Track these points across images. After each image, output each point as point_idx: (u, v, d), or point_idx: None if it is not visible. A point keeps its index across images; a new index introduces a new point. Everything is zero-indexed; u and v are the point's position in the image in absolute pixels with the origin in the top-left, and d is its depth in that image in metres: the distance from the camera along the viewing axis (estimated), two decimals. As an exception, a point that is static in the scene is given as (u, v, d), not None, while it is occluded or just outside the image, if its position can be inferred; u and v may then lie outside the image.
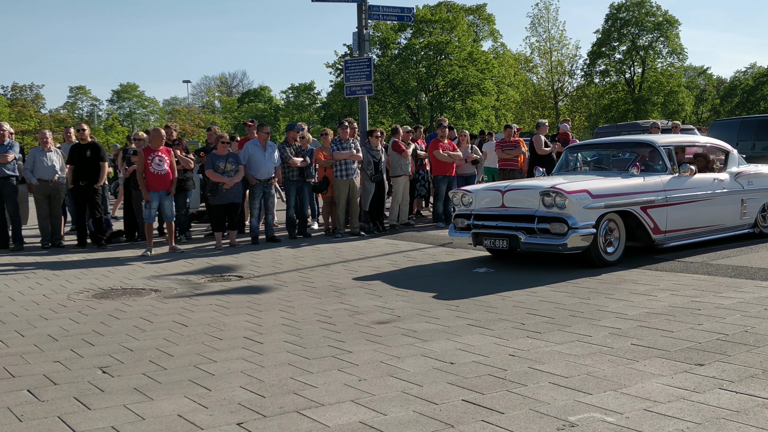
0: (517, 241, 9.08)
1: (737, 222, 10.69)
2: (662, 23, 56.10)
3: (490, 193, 9.76)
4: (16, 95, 65.80)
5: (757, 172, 11.12)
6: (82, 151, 12.44)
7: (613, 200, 9.06)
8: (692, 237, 10.06)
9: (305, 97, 79.02)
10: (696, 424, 3.89)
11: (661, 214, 9.50)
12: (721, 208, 10.38)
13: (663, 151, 10.00)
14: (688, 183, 9.91)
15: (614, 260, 9.14)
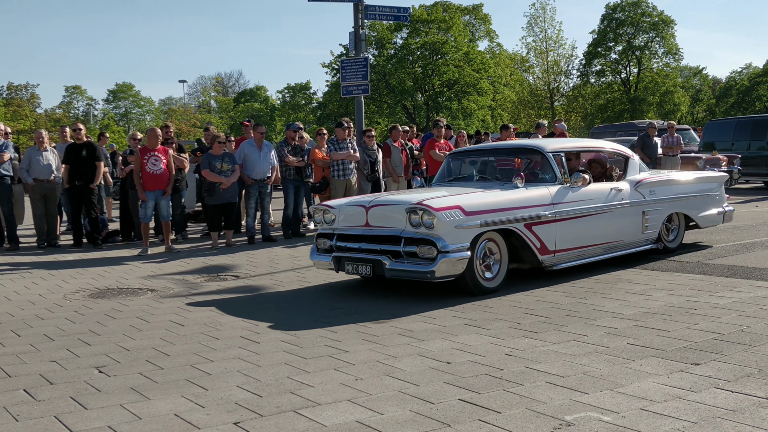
0: (381, 267, 7.60)
1: (638, 237, 9.37)
2: (658, 23, 56.15)
3: (353, 210, 8.20)
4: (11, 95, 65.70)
5: (660, 180, 9.90)
6: (78, 150, 12.42)
7: (491, 217, 7.72)
8: (586, 256, 8.77)
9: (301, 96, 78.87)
10: (692, 423, 3.90)
11: (549, 231, 8.22)
12: (619, 221, 9.10)
13: (551, 158, 8.69)
14: (580, 194, 8.62)
15: (494, 287, 7.83)
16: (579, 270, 8.89)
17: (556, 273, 8.74)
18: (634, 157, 9.88)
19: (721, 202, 10.73)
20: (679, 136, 18.89)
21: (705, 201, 10.45)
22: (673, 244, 10.03)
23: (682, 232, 10.22)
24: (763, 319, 6.16)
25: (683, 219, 10.18)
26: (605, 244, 8.97)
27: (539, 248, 8.14)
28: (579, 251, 8.65)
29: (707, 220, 10.49)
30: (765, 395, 4.29)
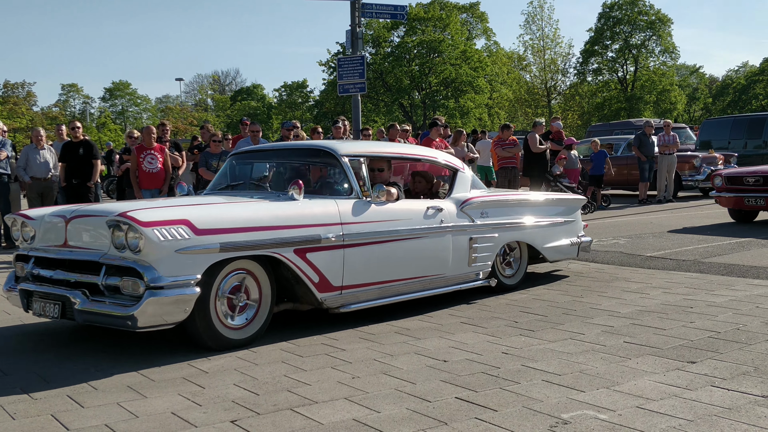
0: (71, 308, 5.50)
1: (463, 270, 7.33)
2: (655, 22, 56.21)
3: (52, 222, 6.01)
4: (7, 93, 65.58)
5: (495, 200, 7.85)
6: (75, 149, 12.40)
7: (238, 237, 5.58)
8: (391, 294, 6.75)
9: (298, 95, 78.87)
10: (688, 421, 3.91)
11: (334, 259, 6.16)
12: (436, 250, 7.06)
13: (347, 164, 6.63)
14: (383, 212, 6.61)
15: (247, 337, 5.76)
16: (577, 269, 8.90)
17: (555, 273, 8.74)
18: (465, 170, 7.96)
19: (575, 231, 8.64)
20: (675, 134, 18.92)
21: (555, 229, 8.36)
22: (511, 281, 7.97)
23: (524, 265, 8.16)
24: (759, 317, 6.18)
25: (526, 250, 8.17)
26: (417, 278, 6.94)
27: (318, 283, 6.06)
28: (380, 288, 6.61)
29: (556, 252, 8.42)
30: (761, 393, 4.30)
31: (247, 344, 5.70)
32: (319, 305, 6.21)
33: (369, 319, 6.59)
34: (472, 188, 7.83)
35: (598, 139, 19.64)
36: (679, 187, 19.16)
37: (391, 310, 6.98)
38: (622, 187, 20.69)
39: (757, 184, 12.83)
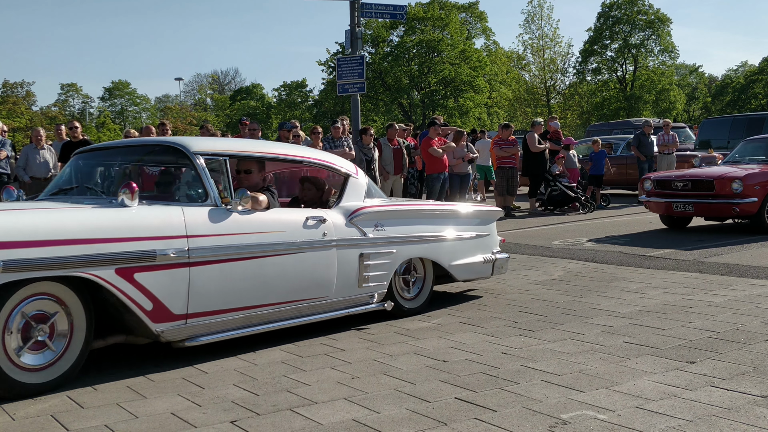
0: None
1: (351, 292, 6.28)
2: (654, 21, 56.19)
3: None
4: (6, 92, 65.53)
5: (393, 211, 6.77)
6: (74, 149, 12.38)
7: (35, 253, 4.46)
8: (255, 323, 5.63)
9: (297, 94, 78.85)
10: (687, 421, 3.92)
11: (175, 281, 5.07)
12: (315, 269, 5.95)
13: (200, 164, 5.56)
14: (247, 223, 5.50)
15: (47, 382, 4.66)
16: (577, 269, 8.90)
17: (551, 271, 8.74)
18: (359, 175, 6.87)
19: (489, 246, 7.63)
20: (674, 134, 18.93)
21: (465, 244, 7.34)
22: (413, 303, 6.91)
23: (428, 286, 7.06)
24: (759, 317, 6.18)
25: (431, 268, 7.09)
26: (292, 303, 5.83)
27: (151, 311, 4.95)
28: (242, 315, 5.51)
29: (466, 271, 7.38)
30: (760, 393, 4.31)
31: (52, 389, 4.62)
32: (156, 338, 5.09)
33: (369, 320, 6.59)
34: (368, 197, 6.77)
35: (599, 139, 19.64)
36: (678, 186, 19.14)
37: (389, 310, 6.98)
38: (621, 186, 20.70)
39: (685, 189, 12.09)
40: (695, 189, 11.88)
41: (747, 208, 11.33)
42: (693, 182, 11.97)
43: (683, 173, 12.71)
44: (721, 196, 11.51)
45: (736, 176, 11.52)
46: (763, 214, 11.43)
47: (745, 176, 11.48)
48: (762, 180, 11.55)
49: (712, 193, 11.63)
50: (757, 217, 11.45)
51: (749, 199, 11.29)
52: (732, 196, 11.38)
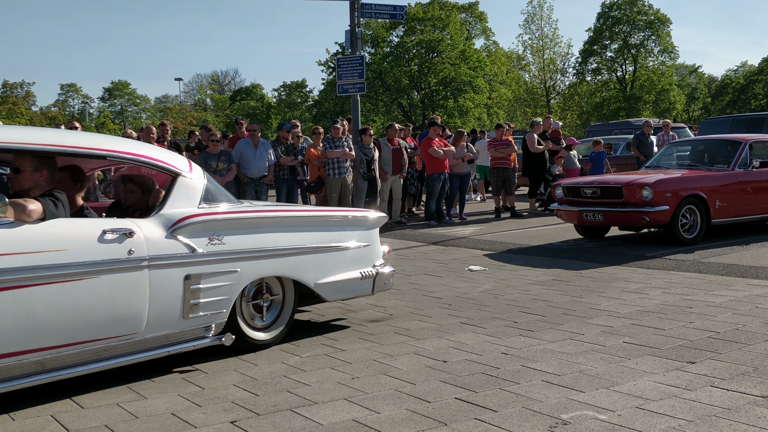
0: None
1: (174, 326, 5.01)
2: (654, 21, 56.18)
3: None
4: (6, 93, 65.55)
5: (238, 218, 5.47)
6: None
7: None
8: (23, 373, 4.31)
9: (297, 95, 78.85)
10: (687, 421, 3.92)
11: None
12: (116, 298, 4.65)
13: None
14: (6, 240, 4.19)
15: None
16: (576, 269, 8.90)
17: (550, 271, 8.74)
18: (194, 173, 5.44)
19: (369, 260, 6.36)
20: (674, 134, 18.93)
21: (335, 258, 6.08)
22: (267, 334, 5.73)
23: (288, 310, 5.87)
24: (759, 317, 6.18)
25: (292, 288, 5.88)
26: (83, 345, 4.56)
27: None
28: None
29: (338, 290, 6.16)
30: (760, 393, 4.31)
31: None
32: None
33: (368, 319, 6.59)
34: (208, 201, 5.38)
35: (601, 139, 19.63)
36: (678, 186, 19.13)
37: (390, 309, 6.98)
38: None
39: (594, 196, 11.00)
40: (605, 196, 10.83)
41: (657, 217, 10.29)
42: (602, 189, 10.89)
43: (593, 179, 11.65)
44: (630, 204, 10.45)
45: (646, 182, 10.39)
46: (677, 224, 10.39)
47: (655, 182, 10.36)
48: (674, 187, 10.54)
49: (622, 200, 10.56)
50: (670, 227, 10.41)
51: (660, 207, 10.22)
52: (642, 204, 10.31)
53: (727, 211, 10.90)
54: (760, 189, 11.29)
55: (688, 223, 10.57)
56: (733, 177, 11.09)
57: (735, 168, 11.16)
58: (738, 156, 11.26)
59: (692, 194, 10.52)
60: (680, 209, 10.40)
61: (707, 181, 10.88)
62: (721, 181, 10.98)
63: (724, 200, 10.82)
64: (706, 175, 11.05)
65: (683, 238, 10.45)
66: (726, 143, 11.99)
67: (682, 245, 10.32)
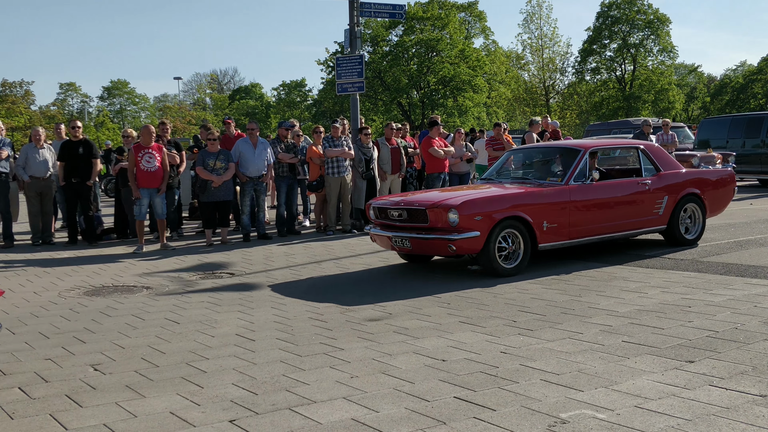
0: None
1: None
2: (653, 21, 56.19)
3: None
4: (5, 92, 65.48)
5: None
6: (74, 148, 12.41)
7: None
8: None
9: (296, 94, 78.88)
10: (686, 420, 3.92)
11: None
12: None
13: None
14: None
15: None
16: (575, 269, 8.90)
17: (549, 270, 8.75)
18: None
19: None
20: (673, 133, 18.92)
21: None
22: None
23: None
24: (758, 316, 6.19)
25: None
26: None
27: None
28: None
29: None
30: (759, 392, 4.31)
31: None
32: None
33: (367, 318, 6.60)
34: None
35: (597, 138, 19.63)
36: (677, 186, 19.13)
37: (389, 309, 6.98)
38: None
39: (401, 219, 9.06)
40: (412, 219, 8.92)
41: (465, 245, 8.42)
42: (409, 211, 8.97)
43: (399, 199, 9.55)
44: (437, 229, 8.63)
45: (452, 204, 8.51)
46: (491, 252, 8.50)
47: (462, 204, 8.49)
48: (487, 208, 8.60)
49: (427, 225, 8.72)
50: (484, 255, 8.52)
51: (469, 233, 8.34)
52: (449, 229, 8.48)
53: (559, 232, 9.05)
54: (600, 205, 9.50)
55: (507, 250, 8.69)
56: (565, 193, 9.15)
57: (570, 182, 9.25)
58: (574, 167, 9.37)
59: (512, 216, 8.62)
60: (495, 234, 8.51)
61: (533, 198, 8.98)
62: (551, 198, 9.05)
63: (554, 221, 8.96)
64: (532, 192, 9.10)
65: (501, 268, 8.56)
66: (563, 152, 10.17)
67: (501, 276, 8.52)
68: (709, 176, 10.97)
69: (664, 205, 10.04)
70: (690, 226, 10.43)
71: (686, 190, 10.27)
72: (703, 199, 10.44)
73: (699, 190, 10.40)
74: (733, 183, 11.10)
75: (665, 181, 10.12)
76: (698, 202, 10.41)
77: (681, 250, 9.96)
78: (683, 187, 10.26)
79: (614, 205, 9.64)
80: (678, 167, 10.51)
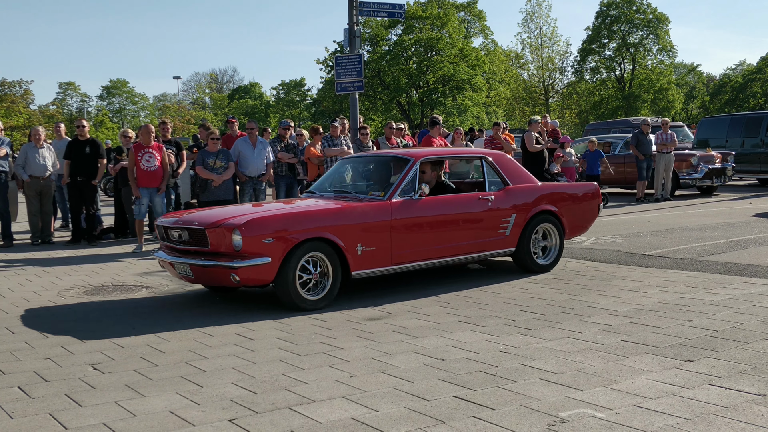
0: None
1: None
2: (652, 20, 56.24)
3: None
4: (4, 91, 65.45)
5: None
6: (81, 147, 12.43)
7: None
8: None
9: (295, 93, 78.91)
10: (685, 419, 3.92)
11: None
12: None
13: None
14: None
15: None
16: (575, 268, 8.91)
17: (553, 270, 8.75)
18: None
19: None
20: (673, 133, 18.93)
21: None
22: None
23: None
24: (757, 315, 6.19)
25: None
26: None
27: None
28: None
29: None
30: (758, 392, 4.31)
31: None
32: None
33: (366, 318, 6.60)
34: None
35: (596, 138, 19.64)
36: (676, 185, 19.17)
37: (388, 308, 6.98)
38: (619, 185, 20.70)
39: (182, 241, 7.43)
40: (194, 242, 7.27)
41: (253, 274, 6.87)
42: (189, 231, 7.30)
43: (179, 217, 7.74)
44: (221, 254, 7.02)
45: (235, 224, 6.90)
46: (290, 282, 6.92)
47: (247, 223, 6.90)
48: (281, 228, 7.02)
49: (209, 249, 7.11)
50: (280, 286, 6.98)
51: (256, 259, 6.81)
52: (233, 255, 6.90)
53: (379, 257, 7.55)
54: (431, 225, 7.97)
55: (311, 279, 7.13)
56: (386, 210, 7.62)
57: (394, 196, 7.74)
58: (401, 180, 7.87)
59: (317, 237, 7.11)
60: (295, 260, 6.96)
61: (345, 216, 7.43)
62: (369, 217, 7.54)
63: (372, 243, 7.47)
64: (344, 209, 7.54)
65: (302, 301, 7.02)
66: (392, 161, 8.63)
67: (302, 311, 6.97)
68: (567, 191, 9.46)
69: (512, 225, 8.50)
70: (551, 247, 8.97)
71: (539, 206, 8.74)
72: (560, 218, 8.95)
73: (555, 208, 8.88)
74: (596, 199, 9.64)
75: (513, 197, 8.60)
76: (554, 222, 8.91)
77: (680, 249, 9.96)
78: (535, 204, 8.73)
79: (448, 225, 8.10)
80: (531, 181, 9.00)
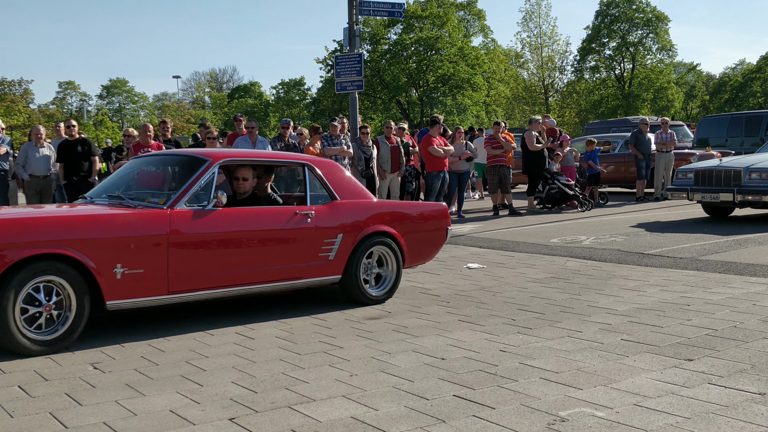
0: None
1: None
2: (652, 19, 56.26)
3: None
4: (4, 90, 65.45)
5: None
6: (72, 147, 12.43)
7: None
8: None
9: (295, 92, 78.89)
10: (685, 418, 3.92)
11: None
12: None
13: None
14: None
15: None
16: (575, 267, 8.91)
17: (548, 269, 8.76)
18: None
19: None
20: (672, 132, 18.93)
21: None
22: None
23: None
24: (756, 314, 6.19)
25: None
26: None
27: None
28: None
29: None
30: (758, 391, 4.32)
31: None
32: None
33: (366, 317, 6.60)
34: None
35: (594, 138, 19.64)
36: (676, 184, 19.15)
37: (388, 307, 6.99)
38: (619, 184, 20.72)
39: None
40: None
41: None
42: None
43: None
44: None
45: None
46: (7, 317, 5.27)
47: None
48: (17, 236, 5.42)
49: None
50: None
51: None
52: None
53: (150, 282, 6.01)
54: (225, 243, 6.42)
55: (41, 313, 5.53)
56: (163, 222, 6.05)
57: (178, 205, 6.21)
58: (190, 185, 6.36)
59: (52, 254, 5.47)
60: (14, 285, 5.32)
61: (97, 227, 5.78)
62: (137, 230, 5.91)
63: (139, 264, 5.89)
64: (99, 216, 5.97)
65: (27, 342, 5.44)
66: (183, 162, 7.03)
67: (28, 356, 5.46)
68: (409, 210, 7.93)
69: (337, 247, 7.06)
70: (387, 276, 7.52)
71: (373, 227, 7.31)
72: (399, 241, 7.51)
73: (393, 229, 7.46)
74: (445, 220, 8.08)
75: (341, 214, 7.18)
76: (391, 246, 7.46)
77: (680, 248, 9.96)
78: (368, 224, 7.30)
79: (250, 245, 6.60)
80: (365, 196, 7.62)
